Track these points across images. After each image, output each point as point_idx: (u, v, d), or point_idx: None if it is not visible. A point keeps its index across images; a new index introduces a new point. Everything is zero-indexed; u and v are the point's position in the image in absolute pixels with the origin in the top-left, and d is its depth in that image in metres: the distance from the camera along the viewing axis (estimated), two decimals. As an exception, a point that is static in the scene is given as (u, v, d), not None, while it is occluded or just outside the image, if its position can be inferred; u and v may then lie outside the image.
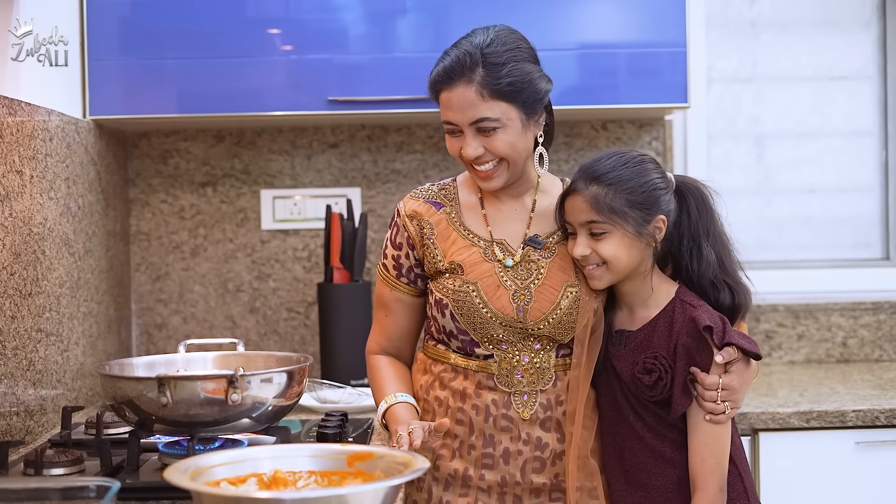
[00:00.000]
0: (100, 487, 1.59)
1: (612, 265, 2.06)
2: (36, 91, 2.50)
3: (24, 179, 2.39)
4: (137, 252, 3.26)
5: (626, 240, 2.05)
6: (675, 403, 2.05)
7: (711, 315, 2.05)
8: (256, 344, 3.26)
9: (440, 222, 2.16)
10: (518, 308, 2.09)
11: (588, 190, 2.05)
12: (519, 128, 2.07)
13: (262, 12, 2.87)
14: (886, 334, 3.36)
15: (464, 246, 2.14)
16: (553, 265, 2.13)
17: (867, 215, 3.51)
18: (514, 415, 2.11)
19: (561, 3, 2.86)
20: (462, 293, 2.10)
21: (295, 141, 3.27)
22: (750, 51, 3.49)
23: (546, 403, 2.12)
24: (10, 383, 2.29)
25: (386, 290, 2.22)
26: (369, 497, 1.46)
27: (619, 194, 2.04)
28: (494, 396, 2.11)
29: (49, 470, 1.97)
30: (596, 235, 2.06)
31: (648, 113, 3.15)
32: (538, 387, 2.11)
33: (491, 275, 2.11)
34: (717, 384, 2.03)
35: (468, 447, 2.13)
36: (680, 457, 2.09)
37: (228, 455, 1.61)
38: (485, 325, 2.09)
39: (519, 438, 2.11)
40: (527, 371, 2.11)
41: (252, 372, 1.98)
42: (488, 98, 2.03)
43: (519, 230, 2.17)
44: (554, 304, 2.10)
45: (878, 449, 2.66)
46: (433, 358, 2.20)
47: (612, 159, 2.08)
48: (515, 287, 2.10)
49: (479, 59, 2.04)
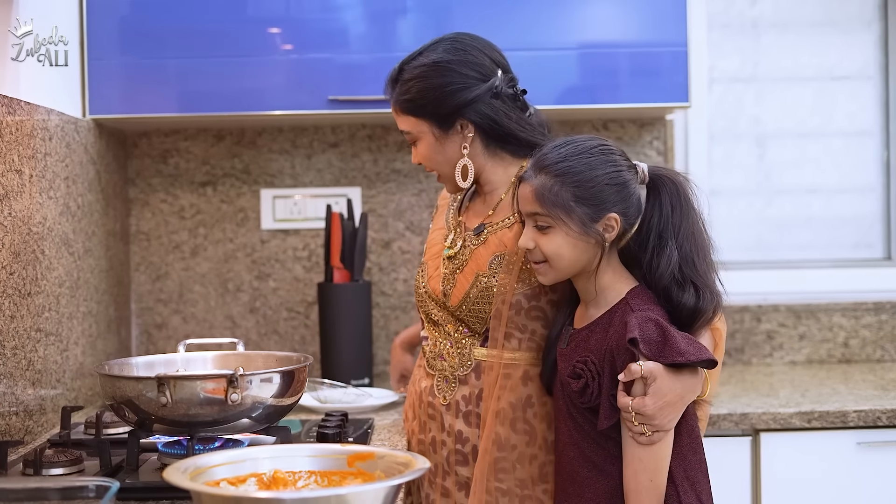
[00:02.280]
0: (99, 487, 1.59)
1: (553, 262, 1.94)
2: (36, 91, 2.50)
3: (23, 179, 2.39)
4: (137, 252, 3.26)
5: (569, 237, 1.92)
6: (601, 416, 1.90)
7: (645, 324, 1.87)
8: (256, 344, 3.26)
9: (442, 207, 2.35)
10: (444, 291, 2.20)
11: (535, 179, 1.93)
12: (432, 140, 2.18)
13: (262, 12, 2.87)
14: (888, 334, 3.35)
15: (437, 229, 2.31)
16: (475, 254, 2.19)
17: (868, 215, 3.50)
18: (437, 402, 2.20)
19: (562, 3, 2.85)
20: (418, 272, 2.30)
21: (295, 140, 3.26)
22: (751, 50, 3.49)
23: (468, 396, 2.16)
24: (9, 383, 2.29)
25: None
26: (369, 497, 1.46)
27: (565, 187, 1.90)
28: (426, 383, 2.23)
29: (48, 470, 1.97)
30: (541, 229, 1.94)
31: (649, 113, 3.15)
32: (458, 372, 2.17)
33: (437, 257, 2.25)
34: (628, 406, 1.85)
35: (411, 431, 2.29)
36: (613, 468, 1.94)
37: (228, 455, 1.61)
38: (423, 303, 2.25)
39: (443, 429, 2.18)
40: (449, 355, 2.19)
41: (252, 372, 1.97)
42: (401, 113, 2.20)
43: (476, 222, 2.25)
44: (465, 291, 2.17)
45: (880, 449, 2.66)
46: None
47: (566, 148, 1.94)
48: (447, 272, 2.21)
49: (395, 76, 2.20)
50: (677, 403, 1.88)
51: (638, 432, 1.86)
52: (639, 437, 1.87)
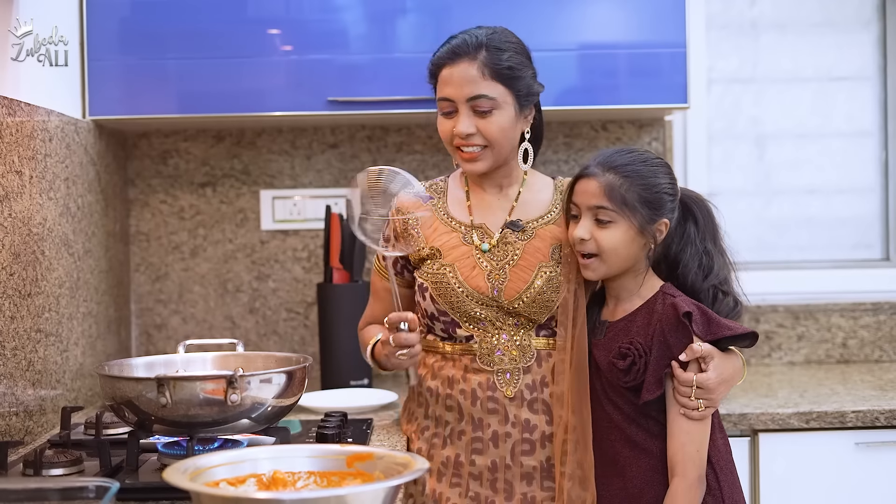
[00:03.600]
0: (99, 488, 1.59)
1: (607, 257, 2.11)
2: (36, 91, 2.50)
3: (23, 180, 2.39)
4: (137, 252, 3.26)
5: (629, 233, 2.11)
6: (645, 389, 2.07)
7: (690, 304, 2.09)
8: (256, 344, 3.26)
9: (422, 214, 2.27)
10: (493, 287, 2.17)
11: (604, 176, 2.11)
12: (512, 114, 2.17)
13: (262, 12, 2.87)
14: (886, 335, 3.35)
15: (444, 232, 2.24)
16: (529, 246, 2.20)
17: (867, 216, 3.51)
18: (499, 395, 2.17)
19: (561, 4, 2.86)
20: (440, 275, 2.20)
21: (295, 141, 3.27)
22: (750, 51, 3.49)
23: (531, 384, 2.17)
24: (9, 384, 2.29)
25: (377, 279, 2.37)
26: (368, 498, 1.46)
27: (632, 188, 2.10)
28: (479, 379, 2.18)
29: (48, 470, 1.97)
30: (601, 223, 2.11)
31: (648, 113, 3.15)
32: (520, 364, 2.18)
33: (468, 257, 2.20)
34: (692, 381, 2.05)
35: (458, 433, 2.20)
36: (655, 446, 2.12)
37: (228, 455, 1.61)
38: (461, 303, 2.18)
39: (507, 420, 2.17)
40: (507, 349, 2.18)
41: (251, 372, 1.98)
42: (488, 77, 2.14)
43: (500, 217, 2.26)
44: (528, 283, 2.17)
45: (878, 450, 2.66)
46: (426, 350, 2.27)
47: (631, 154, 2.14)
48: (491, 267, 2.19)
49: (483, 42, 2.16)
50: (730, 381, 2.11)
51: (692, 407, 2.05)
52: (691, 413, 2.06)
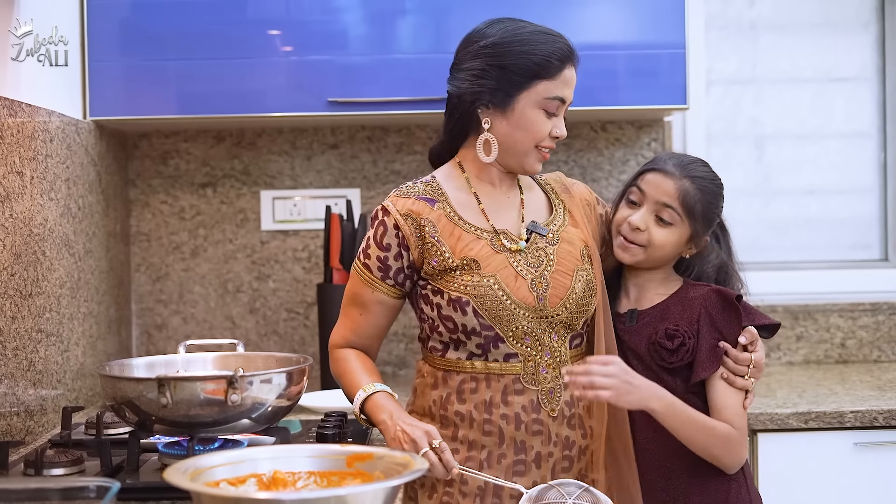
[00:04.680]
0: (100, 488, 1.60)
1: (653, 250, 2.18)
2: (36, 91, 2.51)
3: (24, 180, 2.40)
4: (137, 253, 3.27)
5: (681, 239, 2.20)
6: (699, 367, 2.14)
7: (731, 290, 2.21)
8: (256, 344, 3.27)
9: (440, 219, 2.10)
10: (538, 296, 2.08)
11: (682, 181, 2.18)
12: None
13: (262, 13, 2.88)
14: (885, 335, 3.36)
15: (471, 240, 2.09)
16: (561, 251, 2.14)
17: (866, 217, 3.51)
18: (544, 417, 2.08)
19: (561, 4, 2.86)
20: (484, 287, 2.05)
21: (295, 142, 3.27)
22: (749, 52, 3.50)
23: (570, 400, 2.11)
24: (10, 383, 2.29)
25: (365, 290, 2.14)
26: (368, 498, 1.47)
27: (700, 201, 2.18)
28: (523, 401, 2.08)
29: (49, 470, 1.98)
30: (661, 221, 2.18)
31: (648, 114, 3.15)
32: (560, 381, 2.09)
33: (506, 266, 2.08)
34: (750, 360, 2.15)
35: (498, 457, 2.09)
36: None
37: (228, 455, 1.62)
38: (510, 317, 2.06)
39: (550, 441, 2.09)
40: (549, 366, 2.10)
41: (252, 373, 1.98)
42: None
43: (515, 218, 2.16)
44: (569, 288, 2.11)
45: (877, 450, 2.67)
46: (444, 369, 2.12)
47: (706, 169, 2.23)
48: (532, 276, 2.09)
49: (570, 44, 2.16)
50: None
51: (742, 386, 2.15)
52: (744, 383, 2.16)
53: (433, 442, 1.94)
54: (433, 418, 2.12)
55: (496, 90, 2.07)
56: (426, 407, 2.14)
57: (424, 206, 2.11)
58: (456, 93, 2.12)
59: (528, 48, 2.08)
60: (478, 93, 2.08)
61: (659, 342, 2.16)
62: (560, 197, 2.24)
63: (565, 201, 2.23)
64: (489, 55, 2.08)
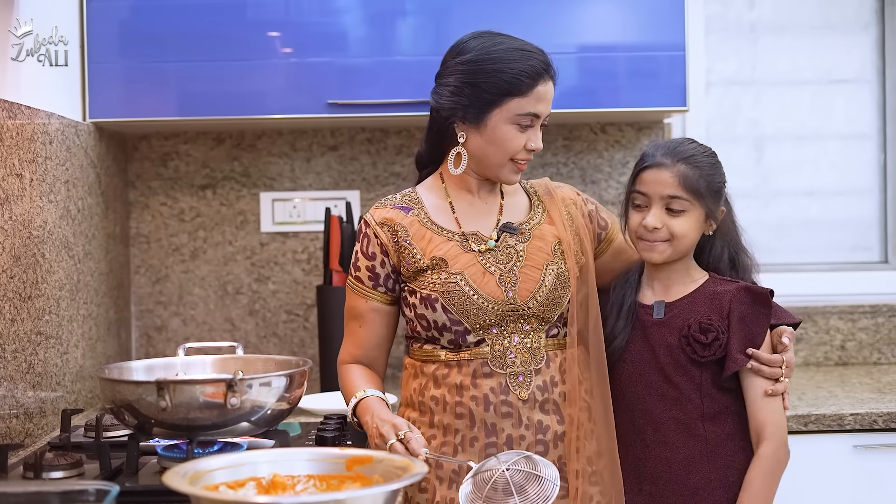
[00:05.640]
0: (99, 491, 1.60)
1: (678, 242, 2.19)
2: (36, 91, 2.51)
3: (24, 182, 2.40)
4: (137, 254, 3.27)
5: (699, 221, 2.21)
6: (731, 361, 2.16)
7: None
8: (256, 346, 3.27)
9: (412, 224, 2.20)
10: (506, 290, 2.15)
11: (676, 167, 2.18)
12: None
13: (262, 15, 2.88)
14: (885, 337, 3.36)
15: (441, 241, 2.18)
16: (531, 247, 2.20)
17: (866, 218, 3.51)
18: (513, 399, 2.15)
19: (561, 6, 2.86)
20: (451, 284, 2.14)
21: (294, 144, 3.27)
22: (749, 54, 3.50)
23: (543, 385, 2.16)
24: (9, 386, 2.29)
25: (360, 301, 2.23)
26: (368, 501, 1.47)
27: (702, 178, 2.19)
28: (492, 384, 2.15)
29: (48, 473, 1.98)
30: (673, 212, 2.19)
31: (647, 116, 3.15)
32: (531, 366, 2.16)
33: (474, 263, 2.17)
34: (782, 361, 2.19)
35: (471, 440, 2.15)
36: (705, 431, 2.20)
37: (227, 459, 1.62)
38: (478, 312, 2.14)
39: (521, 423, 2.15)
40: (519, 351, 2.16)
41: (251, 376, 1.98)
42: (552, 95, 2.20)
43: (490, 223, 2.23)
44: (538, 282, 2.17)
45: (876, 453, 2.67)
46: (422, 360, 2.22)
47: (693, 145, 2.23)
48: (500, 271, 2.17)
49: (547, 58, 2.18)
50: None
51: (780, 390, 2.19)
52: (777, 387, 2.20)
53: (399, 433, 1.99)
54: (414, 406, 2.22)
55: (469, 107, 2.15)
56: (408, 396, 2.24)
57: (399, 213, 2.21)
58: (435, 106, 2.21)
59: (500, 66, 2.14)
60: (453, 108, 2.17)
61: (693, 335, 2.19)
62: (542, 199, 2.30)
63: (545, 202, 2.30)
64: (463, 72, 2.15)
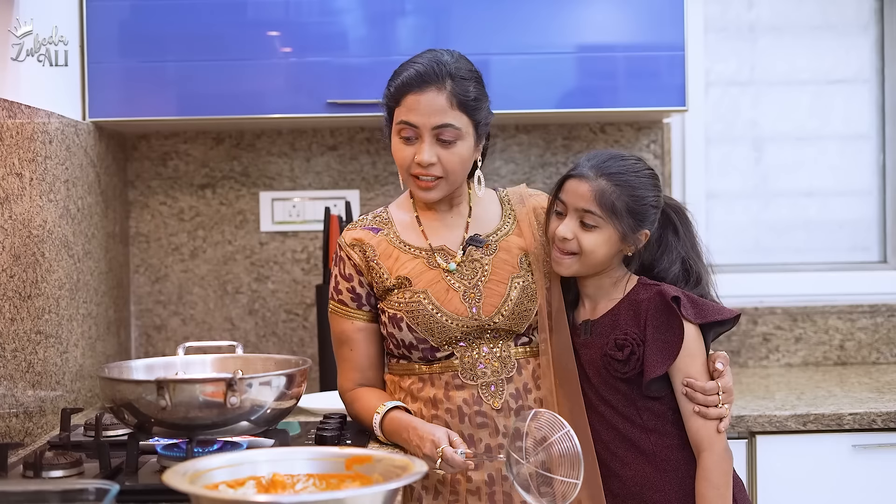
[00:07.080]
0: (99, 490, 1.60)
1: (586, 257, 2.14)
2: (36, 91, 2.51)
3: (23, 182, 2.40)
4: (137, 254, 3.27)
5: (611, 239, 2.14)
6: (648, 369, 2.10)
7: (676, 290, 2.14)
8: (255, 345, 3.27)
9: (381, 243, 2.23)
10: (470, 306, 2.16)
11: (596, 181, 2.13)
12: (472, 144, 2.18)
13: (261, 15, 2.88)
14: (883, 337, 3.36)
15: (407, 260, 2.21)
16: (497, 260, 2.21)
17: (865, 218, 3.52)
18: (486, 409, 2.16)
19: (560, 6, 2.87)
20: (414, 303, 2.16)
21: (294, 143, 3.27)
22: (748, 54, 3.50)
23: (515, 393, 2.17)
24: (9, 385, 2.30)
25: (346, 324, 2.26)
26: (367, 500, 1.47)
27: (621, 197, 2.12)
28: (464, 395, 2.16)
29: (48, 472, 1.97)
30: (586, 226, 2.14)
31: (646, 116, 3.16)
32: (502, 375, 2.17)
33: (438, 280, 2.18)
34: (717, 388, 2.09)
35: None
36: (650, 443, 2.15)
37: (227, 458, 1.62)
38: (442, 330, 2.16)
39: (497, 432, 2.15)
40: (488, 361, 2.17)
41: (251, 375, 1.98)
42: (455, 107, 2.13)
43: (457, 235, 2.25)
44: (503, 296, 2.17)
45: (875, 452, 2.67)
46: (399, 374, 2.25)
47: (625, 163, 2.16)
48: (464, 287, 2.18)
49: (450, 71, 2.14)
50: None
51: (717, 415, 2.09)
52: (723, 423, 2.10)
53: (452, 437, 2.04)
54: None
55: (385, 123, 2.23)
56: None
57: (368, 233, 2.25)
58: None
59: (390, 80, 2.19)
60: (384, 125, 2.24)
61: (610, 354, 2.14)
62: (514, 208, 2.30)
63: (517, 211, 2.30)
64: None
